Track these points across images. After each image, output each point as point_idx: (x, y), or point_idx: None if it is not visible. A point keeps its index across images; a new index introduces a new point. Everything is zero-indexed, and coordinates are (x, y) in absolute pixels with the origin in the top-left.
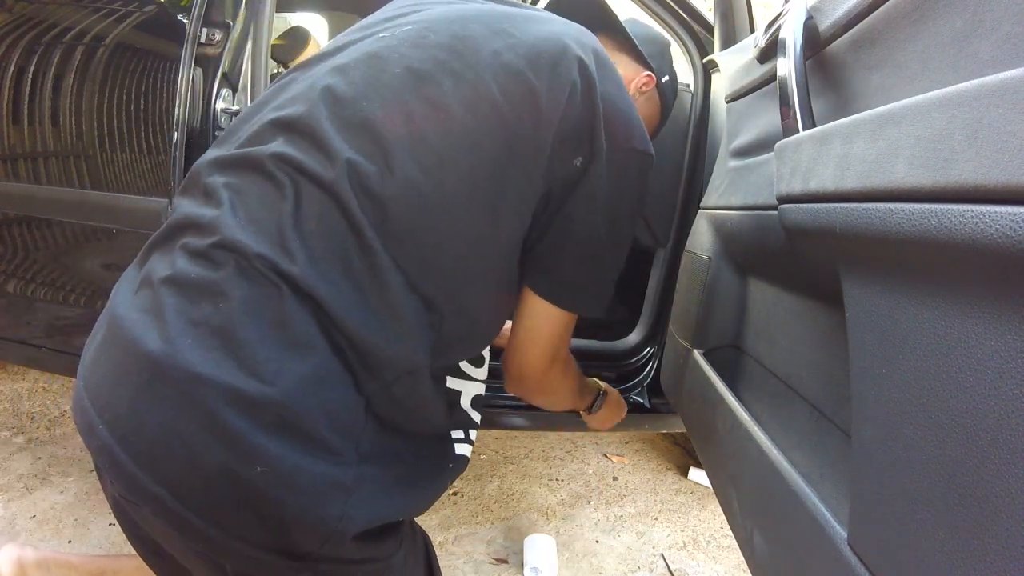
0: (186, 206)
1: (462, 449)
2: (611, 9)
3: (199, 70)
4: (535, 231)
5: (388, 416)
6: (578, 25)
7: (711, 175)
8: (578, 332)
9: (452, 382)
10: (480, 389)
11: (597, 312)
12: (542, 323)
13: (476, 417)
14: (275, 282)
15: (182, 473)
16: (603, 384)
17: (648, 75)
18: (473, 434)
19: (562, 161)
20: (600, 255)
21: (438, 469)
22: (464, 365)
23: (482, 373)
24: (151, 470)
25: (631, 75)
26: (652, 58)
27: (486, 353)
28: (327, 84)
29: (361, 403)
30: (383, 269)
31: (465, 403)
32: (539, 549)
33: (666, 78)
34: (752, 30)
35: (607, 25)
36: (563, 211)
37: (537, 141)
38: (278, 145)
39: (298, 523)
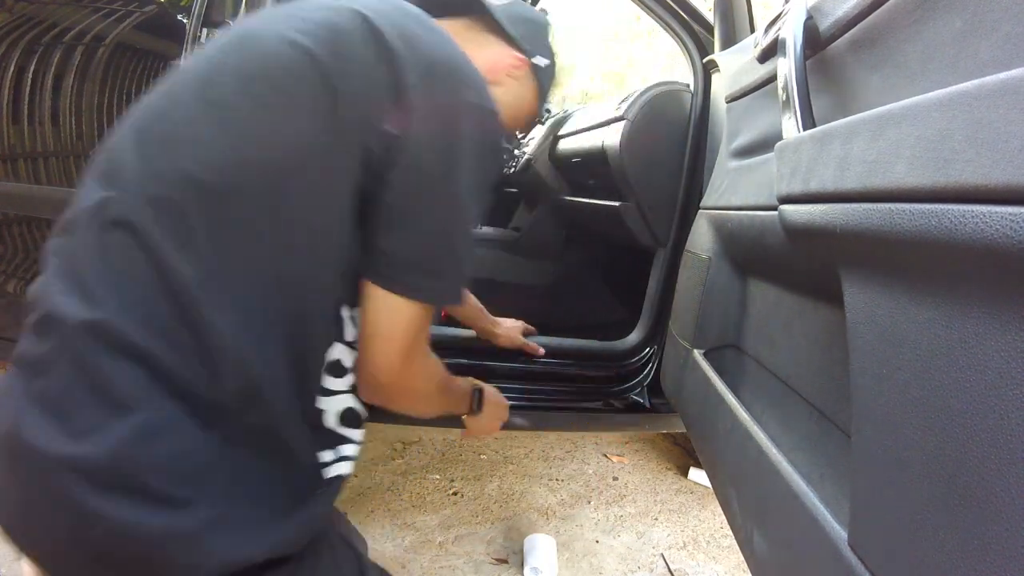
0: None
1: (337, 470)
2: None
3: None
4: (366, 216)
5: (245, 448)
6: None
7: (711, 175)
8: (578, 332)
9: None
10: (348, 402)
11: (447, 301)
12: (387, 318)
13: (349, 433)
14: (93, 345)
15: (45, 543)
16: (476, 381)
17: (518, 57)
18: (349, 449)
19: (368, 132)
20: (437, 230)
21: (304, 498)
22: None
23: (344, 383)
24: (24, 542)
25: (499, 58)
26: (525, 39)
27: (348, 360)
28: (133, 126)
29: (211, 441)
30: (192, 304)
31: (331, 422)
32: (539, 549)
33: (542, 60)
34: (752, 30)
35: (471, 7)
36: (388, 187)
37: (336, 116)
38: (90, 196)
39: None
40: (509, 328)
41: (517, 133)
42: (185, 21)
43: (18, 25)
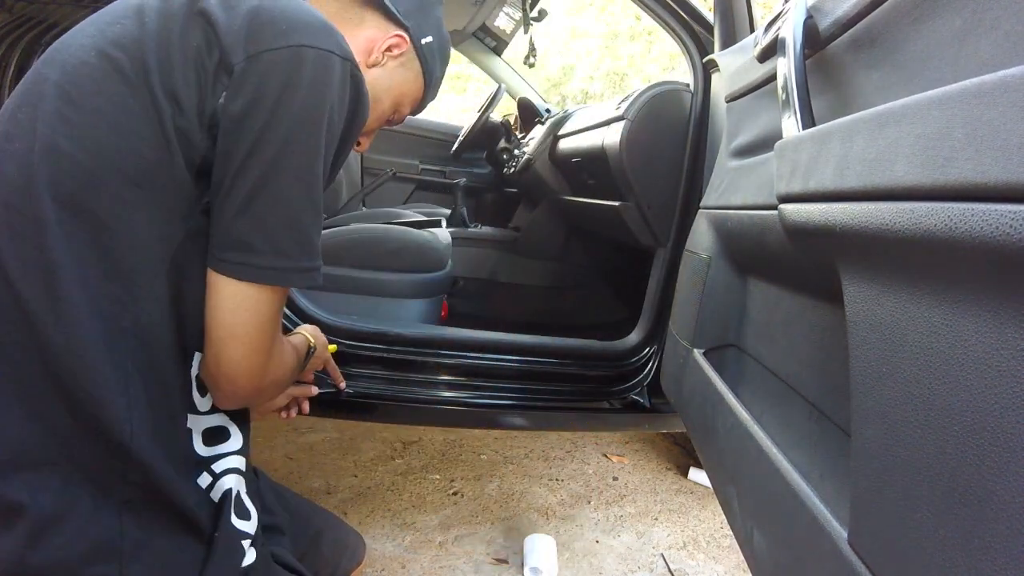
0: None
1: (222, 487)
2: None
3: None
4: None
5: (142, 507)
6: None
7: (711, 175)
8: (578, 332)
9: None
10: (215, 421)
11: (300, 281)
12: (241, 312)
13: (218, 449)
14: None
15: None
16: (309, 336)
17: (398, 35)
18: (228, 462)
19: (197, 114)
20: (273, 199)
21: (206, 528)
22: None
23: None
24: None
25: (376, 35)
26: (408, 15)
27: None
28: None
29: (108, 507)
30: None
31: (198, 444)
32: (539, 549)
33: (428, 39)
34: (752, 30)
35: None
36: (216, 158)
37: (157, 115)
38: None
39: None
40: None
41: (396, 118)
42: None
43: (18, 25)
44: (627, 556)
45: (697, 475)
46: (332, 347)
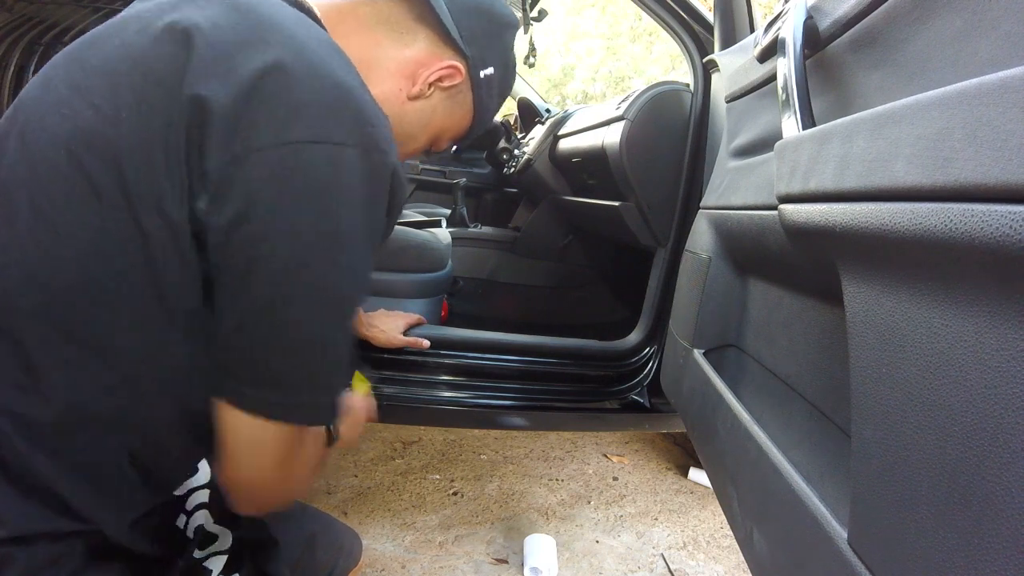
0: None
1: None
2: None
3: None
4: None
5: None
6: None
7: (711, 175)
8: (578, 332)
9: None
10: (203, 497)
11: (319, 420)
12: (251, 446)
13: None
14: None
15: None
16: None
17: (453, 65)
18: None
19: (165, 220)
20: (291, 335)
21: None
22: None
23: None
24: None
25: (426, 61)
26: (471, 41)
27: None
28: None
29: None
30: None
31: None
32: (539, 549)
33: (488, 71)
34: (752, 30)
35: None
36: (216, 275)
37: (132, 218)
38: None
39: None
40: (388, 325)
41: (431, 150)
42: None
43: (18, 25)
44: (627, 556)
45: (697, 475)
46: (364, 386)
